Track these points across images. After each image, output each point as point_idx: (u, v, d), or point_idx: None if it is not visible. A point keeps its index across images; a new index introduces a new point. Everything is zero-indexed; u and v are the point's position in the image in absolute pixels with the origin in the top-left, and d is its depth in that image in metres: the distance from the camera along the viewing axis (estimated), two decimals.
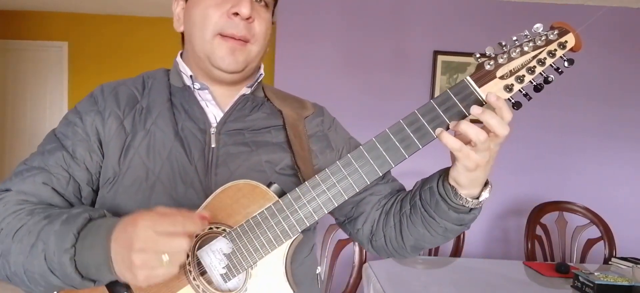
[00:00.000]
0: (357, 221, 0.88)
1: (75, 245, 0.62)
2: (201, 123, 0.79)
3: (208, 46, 0.77)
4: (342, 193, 0.68)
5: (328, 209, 0.68)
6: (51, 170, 0.73)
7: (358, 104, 2.99)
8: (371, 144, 0.67)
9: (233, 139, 0.79)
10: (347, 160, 0.67)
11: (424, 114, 0.66)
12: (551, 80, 0.66)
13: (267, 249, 0.68)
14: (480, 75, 0.67)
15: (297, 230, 0.68)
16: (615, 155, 3.05)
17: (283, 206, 0.68)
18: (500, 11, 2.98)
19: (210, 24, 0.76)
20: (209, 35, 0.76)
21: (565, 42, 0.66)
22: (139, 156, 0.75)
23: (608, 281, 1.51)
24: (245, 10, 0.74)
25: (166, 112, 0.79)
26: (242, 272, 0.69)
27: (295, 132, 0.84)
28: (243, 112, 0.83)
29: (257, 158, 0.79)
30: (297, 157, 0.80)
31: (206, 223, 0.63)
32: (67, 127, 0.78)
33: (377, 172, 0.67)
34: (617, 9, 2.98)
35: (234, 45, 0.76)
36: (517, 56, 0.66)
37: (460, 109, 0.66)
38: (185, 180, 0.75)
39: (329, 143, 0.89)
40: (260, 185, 0.69)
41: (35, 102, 4.50)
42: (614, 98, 3.04)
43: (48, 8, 4.27)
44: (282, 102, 0.89)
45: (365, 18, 3.02)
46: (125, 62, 4.31)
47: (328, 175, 0.68)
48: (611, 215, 2.33)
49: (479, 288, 1.64)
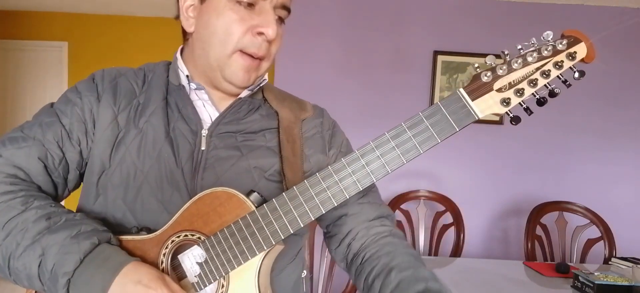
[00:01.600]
0: (332, 241, 0.86)
1: (76, 269, 0.61)
2: (193, 124, 0.77)
3: (226, 60, 0.75)
4: (319, 206, 0.65)
5: (304, 222, 0.65)
6: (47, 145, 0.72)
7: (358, 104, 2.99)
8: (353, 156, 0.64)
9: (224, 142, 0.77)
10: (327, 173, 0.64)
11: (411, 126, 0.62)
12: (557, 93, 0.60)
13: (239, 260, 0.66)
14: (475, 87, 0.62)
15: (271, 242, 0.66)
16: (616, 155, 3.05)
17: (258, 217, 0.66)
18: (501, 11, 2.98)
19: (234, 39, 0.73)
20: (229, 50, 0.74)
21: (575, 53, 0.60)
22: (130, 154, 0.74)
23: (608, 281, 1.51)
24: (273, 33, 0.73)
25: (160, 110, 0.77)
26: (214, 282, 0.68)
27: (288, 136, 0.81)
28: (238, 114, 0.80)
29: (246, 163, 0.77)
30: (286, 163, 0.78)
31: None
32: (67, 105, 0.76)
33: (358, 186, 0.64)
34: (617, 9, 2.98)
35: (251, 64, 0.75)
36: (519, 67, 0.61)
37: (450, 123, 0.62)
38: (171, 183, 0.74)
39: (324, 146, 0.86)
40: (237, 194, 0.67)
41: (35, 102, 4.50)
42: (614, 98, 3.04)
43: (48, 8, 4.26)
44: (281, 103, 0.87)
45: (366, 18, 3.02)
46: (125, 62, 4.30)
47: (307, 187, 0.65)
48: (611, 215, 2.33)
49: (479, 288, 1.64)
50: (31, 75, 4.48)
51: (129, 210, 0.73)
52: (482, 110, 0.62)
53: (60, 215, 0.66)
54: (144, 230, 0.71)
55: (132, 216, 0.73)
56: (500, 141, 3.03)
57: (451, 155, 3.00)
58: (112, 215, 0.74)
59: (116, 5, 4.07)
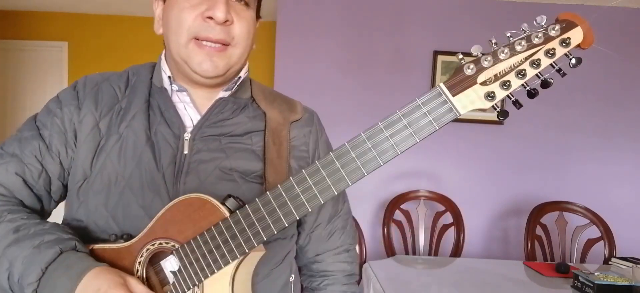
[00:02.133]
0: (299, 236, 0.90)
1: (41, 279, 0.61)
2: (176, 128, 0.76)
3: (184, 51, 0.72)
4: (293, 212, 0.61)
5: (278, 229, 0.62)
6: (25, 160, 0.72)
7: (358, 104, 2.99)
8: (328, 159, 0.60)
9: (208, 146, 0.76)
10: (301, 177, 0.61)
11: (387, 126, 0.58)
12: (550, 83, 0.54)
13: (212, 268, 0.64)
14: (456, 82, 0.57)
15: (244, 250, 0.63)
16: (616, 155, 3.05)
17: (232, 224, 0.63)
18: (501, 11, 2.98)
19: (185, 27, 0.71)
20: (183, 39, 0.72)
21: (569, 39, 0.54)
22: (111, 160, 0.73)
23: (608, 281, 1.51)
24: (220, 14, 0.69)
25: (142, 113, 0.76)
26: (189, 291, 0.67)
27: (275, 138, 0.79)
28: (222, 115, 0.78)
29: (227, 165, 0.75)
30: (269, 165, 0.76)
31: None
32: (47, 116, 0.76)
33: (332, 191, 0.60)
34: (617, 9, 2.98)
35: (211, 50, 0.72)
36: (506, 57, 0.55)
37: (430, 121, 0.57)
38: (152, 188, 0.72)
39: (308, 161, 0.84)
40: (211, 200, 0.65)
41: (35, 102, 4.49)
42: (614, 98, 3.04)
43: (48, 8, 4.26)
44: (270, 103, 0.84)
45: (366, 18, 3.02)
46: (125, 62, 4.25)
47: (280, 192, 0.62)
48: (611, 215, 2.33)
49: (479, 288, 1.64)
50: (31, 75, 4.48)
51: (111, 217, 0.72)
52: (464, 106, 0.57)
53: (29, 227, 0.66)
54: (125, 236, 0.70)
55: (114, 223, 0.72)
56: (500, 141, 3.03)
57: (451, 155, 3.00)
58: (94, 223, 0.73)
59: (116, 5, 4.07)
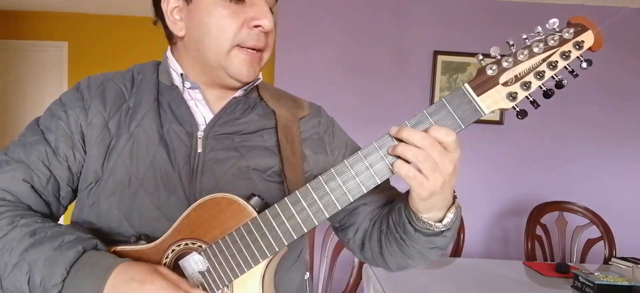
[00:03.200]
0: (348, 230, 0.84)
1: (65, 279, 0.60)
2: (188, 126, 0.75)
3: (225, 57, 0.72)
4: (323, 210, 0.62)
5: (308, 228, 0.63)
6: (32, 166, 0.70)
7: (358, 104, 2.99)
8: (356, 157, 0.61)
9: (221, 144, 0.75)
10: (330, 175, 0.62)
11: (415, 125, 0.60)
12: (564, 85, 0.57)
13: (242, 268, 0.64)
14: (480, 82, 0.59)
15: (275, 249, 0.64)
16: (616, 155, 3.05)
17: (261, 223, 0.63)
18: (501, 11, 2.98)
19: (229, 35, 0.71)
20: (227, 46, 0.71)
21: (582, 42, 0.57)
22: (123, 161, 0.72)
23: (608, 281, 1.51)
24: (269, 24, 0.71)
25: (152, 112, 0.75)
26: (218, 291, 0.67)
27: (287, 135, 0.79)
28: (234, 115, 0.78)
29: (244, 164, 0.75)
30: (286, 163, 0.76)
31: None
32: (51, 120, 0.74)
33: (361, 188, 0.61)
34: (616, 9, 2.98)
35: (253, 57, 0.73)
36: (525, 59, 0.58)
37: (456, 120, 0.60)
38: (168, 187, 0.71)
39: (324, 147, 0.84)
40: (238, 200, 0.65)
41: (35, 102, 4.50)
42: (614, 98, 3.04)
43: (48, 8, 4.26)
44: (277, 102, 0.85)
45: (366, 18, 3.01)
46: (126, 62, 4.24)
47: (309, 191, 0.62)
48: (611, 215, 2.33)
49: (479, 288, 1.64)
50: (31, 75, 4.48)
51: (126, 218, 0.71)
52: (488, 106, 0.60)
53: (45, 230, 0.65)
54: (143, 237, 0.70)
55: (128, 224, 0.71)
56: (500, 141, 3.03)
57: None
58: (107, 225, 0.72)
59: (116, 5, 4.07)
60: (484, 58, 0.60)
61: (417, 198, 0.62)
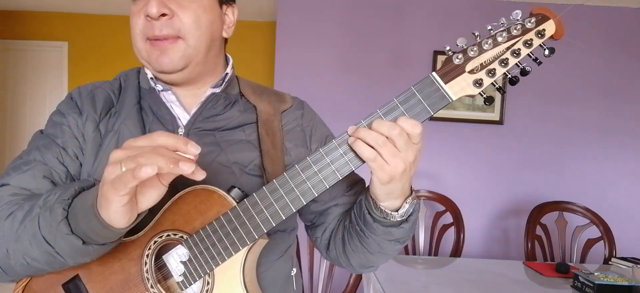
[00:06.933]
0: (318, 229, 0.87)
1: (68, 209, 0.59)
2: (169, 124, 0.78)
3: (144, 54, 0.75)
4: (300, 197, 0.64)
5: (286, 215, 0.65)
6: (50, 164, 0.73)
7: (358, 104, 2.99)
8: (331, 146, 0.64)
9: (202, 140, 0.77)
10: (306, 164, 0.64)
11: (386, 112, 0.63)
12: (529, 71, 0.60)
13: (223, 256, 0.66)
14: (447, 70, 0.62)
15: (254, 237, 0.66)
16: (616, 155, 3.05)
17: (240, 212, 0.66)
18: (501, 11, 2.98)
19: (136, 32, 0.75)
20: (139, 42, 0.75)
21: (544, 31, 0.61)
22: (106, 157, 0.71)
23: (608, 281, 1.51)
24: (152, 10, 0.70)
25: (134, 114, 0.78)
26: (199, 279, 0.68)
27: (268, 129, 0.81)
28: (214, 110, 0.80)
29: (225, 158, 0.77)
30: (266, 156, 0.78)
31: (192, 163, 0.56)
32: (55, 128, 0.78)
33: (337, 175, 0.64)
34: (617, 9, 2.98)
35: (161, 45, 0.73)
36: (490, 48, 0.61)
37: (425, 107, 0.62)
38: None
39: (305, 140, 0.86)
40: (218, 191, 0.67)
41: (35, 102, 4.50)
42: (614, 97, 3.04)
43: (48, 8, 4.26)
44: (258, 97, 0.86)
45: (366, 18, 3.02)
46: (126, 62, 4.28)
47: (286, 180, 0.65)
48: (611, 215, 2.34)
49: (479, 288, 1.64)
50: (31, 75, 4.48)
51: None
52: (455, 93, 0.63)
53: (37, 199, 0.65)
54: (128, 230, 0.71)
55: None
56: (500, 141, 3.03)
57: (451, 155, 3.00)
58: None
59: (116, 5, 4.07)
60: (451, 49, 0.64)
61: (377, 182, 0.64)
